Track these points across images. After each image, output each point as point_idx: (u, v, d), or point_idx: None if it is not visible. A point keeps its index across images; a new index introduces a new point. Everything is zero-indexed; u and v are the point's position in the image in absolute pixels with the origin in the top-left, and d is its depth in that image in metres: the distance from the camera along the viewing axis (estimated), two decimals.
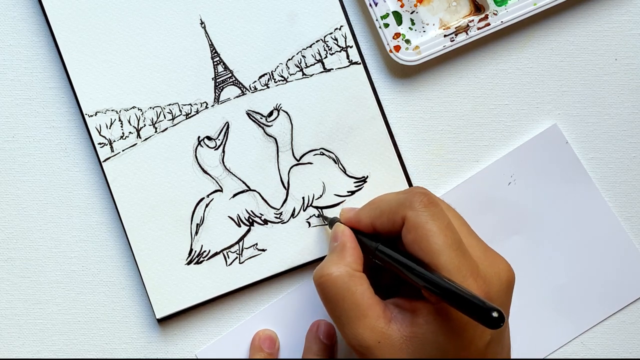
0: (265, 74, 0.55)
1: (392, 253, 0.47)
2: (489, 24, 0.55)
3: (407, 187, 0.55)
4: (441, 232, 0.45)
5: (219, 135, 0.55)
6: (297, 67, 0.55)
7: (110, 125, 0.55)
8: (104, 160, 0.54)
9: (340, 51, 0.55)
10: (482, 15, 0.55)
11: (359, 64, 0.55)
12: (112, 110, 0.55)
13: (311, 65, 0.55)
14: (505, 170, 0.56)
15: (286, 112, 0.55)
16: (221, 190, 0.55)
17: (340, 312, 0.46)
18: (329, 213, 0.55)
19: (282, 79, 0.55)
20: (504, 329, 0.47)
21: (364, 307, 0.46)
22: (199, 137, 0.55)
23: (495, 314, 0.39)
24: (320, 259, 0.55)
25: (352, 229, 0.50)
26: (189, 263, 0.55)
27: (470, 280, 0.44)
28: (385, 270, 0.50)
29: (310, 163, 0.55)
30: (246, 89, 0.55)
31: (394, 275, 0.50)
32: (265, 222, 0.55)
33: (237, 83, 0.55)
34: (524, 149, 0.57)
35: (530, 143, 0.57)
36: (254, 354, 0.55)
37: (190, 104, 0.55)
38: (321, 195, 0.55)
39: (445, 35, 0.55)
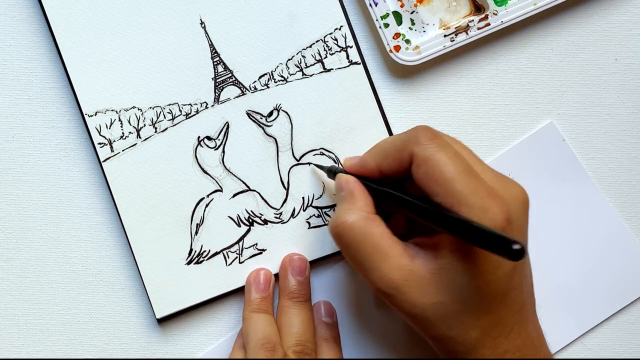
0: (265, 74, 0.55)
1: (402, 195, 0.46)
2: (489, 24, 0.55)
3: None
4: (451, 160, 0.44)
5: (219, 135, 0.55)
6: (297, 67, 0.55)
7: (110, 125, 0.55)
8: (104, 160, 0.54)
9: (340, 51, 0.55)
10: (482, 15, 0.55)
11: (359, 64, 0.55)
12: (112, 110, 0.55)
13: (311, 65, 0.55)
14: (503, 168, 0.56)
15: (286, 112, 0.55)
16: (221, 190, 0.55)
17: (363, 257, 0.46)
18: (330, 213, 0.55)
19: (282, 79, 0.55)
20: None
21: (385, 247, 0.45)
22: (199, 137, 0.55)
23: (516, 246, 0.38)
24: (321, 259, 0.55)
25: (358, 177, 0.50)
26: (189, 263, 0.55)
27: (488, 200, 0.43)
28: (395, 216, 0.49)
29: (310, 163, 0.55)
30: (246, 89, 0.55)
31: (406, 221, 0.50)
32: (265, 222, 0.55)
33: (237, 83, 0.55)
34: (521, 147, 0.57)
35: (527, 141, 0.57)
36: (249, 297, 0.54)
37: (190, 104, 0.55)
38: (321, 195, 0.55)
39: (445, 35, 0.55)
